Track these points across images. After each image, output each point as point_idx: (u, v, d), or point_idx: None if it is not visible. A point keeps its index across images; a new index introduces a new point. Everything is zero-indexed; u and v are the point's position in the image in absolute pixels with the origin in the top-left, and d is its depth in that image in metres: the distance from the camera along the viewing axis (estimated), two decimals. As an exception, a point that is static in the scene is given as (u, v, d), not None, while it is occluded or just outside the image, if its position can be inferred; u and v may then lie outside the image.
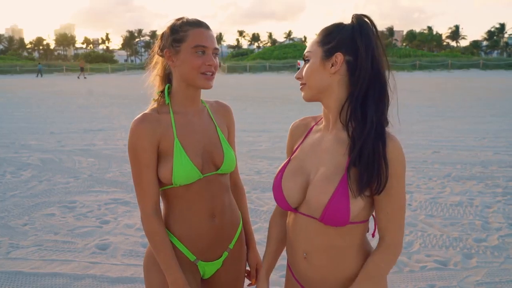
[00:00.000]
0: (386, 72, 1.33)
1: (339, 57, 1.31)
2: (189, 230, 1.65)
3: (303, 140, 1.49)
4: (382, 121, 1.29)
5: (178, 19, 1.61)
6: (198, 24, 1.57)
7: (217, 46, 1.60)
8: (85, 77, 43.39)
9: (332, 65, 1.32)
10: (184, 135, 1.60)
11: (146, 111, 1.62)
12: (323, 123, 1.45)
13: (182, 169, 1.55)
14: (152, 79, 1.69)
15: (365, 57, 1.29)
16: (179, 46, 1.55)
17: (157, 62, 1.67)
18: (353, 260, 1.38)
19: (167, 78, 1.67)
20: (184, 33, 1.55)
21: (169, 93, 1.64)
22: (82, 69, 46.42)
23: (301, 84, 1.41)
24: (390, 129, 1.33)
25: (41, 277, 3.38)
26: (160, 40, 1.62)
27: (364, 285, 1.33)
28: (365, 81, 1.29)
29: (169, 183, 1.58)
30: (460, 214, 4.65)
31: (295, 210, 1.42)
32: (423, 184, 5.73)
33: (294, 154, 1.48)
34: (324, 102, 1.39)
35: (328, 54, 1.33)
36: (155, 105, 1.64)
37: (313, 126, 1.50)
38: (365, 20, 1.33)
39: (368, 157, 1.25)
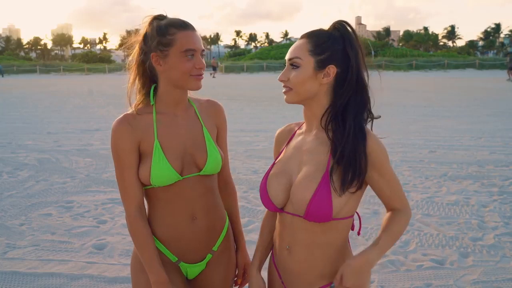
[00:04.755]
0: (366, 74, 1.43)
1: (332, 69, 1.39)
2: (169, 231, 1.64)
3: (286, 144, 1.56)
4: (361, 123, 1.39)
5: (159, 17, 1.57)
6: (185, 26, 1.54)
7: (203, 47, 1.59)
8: (214, 76, 40.60)
9: (324, 76, 1.39)
10: (165, 136, 1.59)
11: (127, 112, 1.61)
12: (305, 126, 1.52)
13: (160, 171, 1.54)
14: (132, 79, 1.63)
15: (354, 69, 1.39)
16: (167, 50, 1.52)
17: (135, 61, 1.61)
18: (332, 258, 1.44)
19: (148, 78, 1.62)
20: (171, 37, 1.52)
21: (154, 93, 1.62)
22: (214, 68, 44.06)
23: (285, 87, 1.44)
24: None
25: (38, 277, 3.38)
26: (143, 41, 1.57)
27: (387, 241, 1.41)
28: (351, 91, 1.39)
29: (148, 183, 1.58)
30: (457, 213, 4.67)
31: (281, 210, 1.48)
32: (420, 183, 5.75)
33: (278, 158, 1.55)
34: (307, 106, 1.46)
35: (321, 65, 1.39)
36: (138, 106, 1.62)
37: (296, 131, 1.57)
38: (349, 29, 1.41)
39: (350, 157, 1.34)
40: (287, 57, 1.45)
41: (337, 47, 1.39)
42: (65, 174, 6.42)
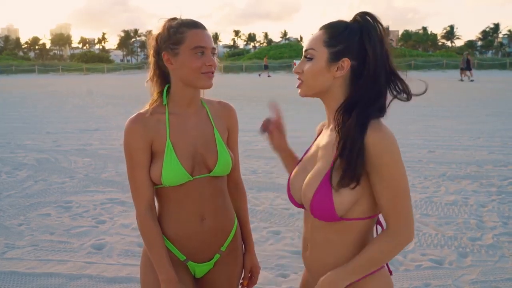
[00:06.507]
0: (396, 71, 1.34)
1: (346, 62, 1.31)
2: (178, 230, 1.66)
3: (314, 141, 1.52)
4: (366, 116, 1.27)
5: (172, 20, 1.60)
6: (195, 25, 1.57)
7: (214, 45, 1.61)
8: (269, 75, 39.67)
9: (337, 69, 1.32)
10: (177, 136, 1.60)
11: (141, 111, 1.63)
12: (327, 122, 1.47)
13: (171, 170, 1.56)
14: (148, 79, 1.68)
15: (372, 64, 1.29)
16: (178, 48, 1.55)
17: (151, 63, 1.66)
18: (349, 258, 1.34)
19: (164, 78, 1.66)
20: (182, 35, 1.54)
21: (168, 93, 1.64)
22: (266, 67, 42.50)
23: (298, 79, 1.39)
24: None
25: (36, 277, 3.38)
26: (155, 42, 1.61)
27: (358, 264, 1.30)
28: (367, 87, 1.30)
29: (158, 182, 1.60)
30: (455, 213, 4.68)
31: (301, 206, 1.45)
32: (419, 183, 5.75)
33: (305, 154, 1.51)
34: (324, 101, 1.41)
35: (335, 58, 1.31)
36: (153, 105, 1.64)
37: (324, 127, 1.53)
38: (371, 22, 1.31)
39: (349, 149, 1.26)
40: (303, 48, 1.40)
41: (353, 39, 1.31)
42: (64, 174, 6.41)
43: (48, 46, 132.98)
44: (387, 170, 1.25)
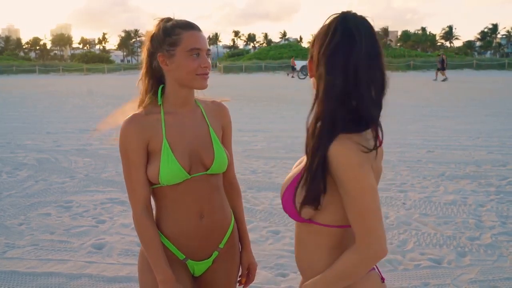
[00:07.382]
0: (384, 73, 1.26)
1: (310, 64, 1.31)
2: (177, 229, 1.67)
3: None
4: (336, 126, 1.22)
5: (167, 20, 1.61)
6: (190, 26, 1.59)
7: (209, 47, 1.63)
8: (292, 76, 39.12)
9: (316, 71, 1.29)
10: (173, 136, 1.62)
11: (136, 112, 1.64)
12: None
13: (169, 169, 1.57)
14: (140, 79, 1.69)
15: (332, 67, 1.23)
16: (173, 50, 1.56)
17: (144, 62, 1.67)
18: (323, 262, 1.34)
19: (155, 78, 1.66)
20: (177, 37, 1.56)
21: (162, 93, 1.65)
22: (293, 68, 41.15)
23: None
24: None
25: (37, 276, 3.39)
26: (150, 43, 1.62)
27: (330, 278, 1.29)
28: (336, 93, 1.23)
29: (156, 182, 1.61)
30: (454, 212, 4.69)
31: None
32: (418, 183, 5.77)
33: None
34: None
35: (310, 59, 1.32)
36: (147, 106, 1.65)
37: None
38: (346, 22, 1.23)
39: (311, 160, 1.25)
40: None
41: (320, 41, 1.26)
42: (64, 174, 6.43)
43: (48, 46, 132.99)
44: (349, 184, 1.22)
